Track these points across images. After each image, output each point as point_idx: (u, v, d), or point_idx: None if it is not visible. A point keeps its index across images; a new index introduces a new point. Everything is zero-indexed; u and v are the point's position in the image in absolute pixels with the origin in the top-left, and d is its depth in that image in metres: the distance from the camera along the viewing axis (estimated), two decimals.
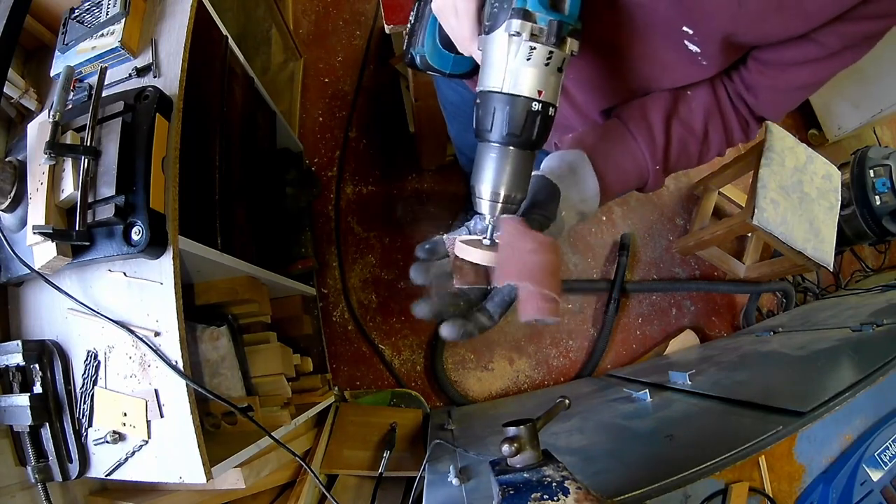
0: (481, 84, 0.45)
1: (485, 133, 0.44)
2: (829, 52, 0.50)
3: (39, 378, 0.79)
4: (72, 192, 0.75)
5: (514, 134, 0.43)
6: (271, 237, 1.45)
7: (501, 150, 0.44)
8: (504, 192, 0.45)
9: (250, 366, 1.13)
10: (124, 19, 0.93)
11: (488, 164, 0.45)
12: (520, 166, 0.45)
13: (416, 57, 0.64)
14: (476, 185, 0.46)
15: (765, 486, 0.87)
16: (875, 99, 2.02)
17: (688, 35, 0.51)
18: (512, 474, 0.54)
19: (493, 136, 0.44)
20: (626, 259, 2.00)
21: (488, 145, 0.45)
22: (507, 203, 0.45)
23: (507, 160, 0.44)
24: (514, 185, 0.45)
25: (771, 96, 0.58)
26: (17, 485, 0.81)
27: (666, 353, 1.93)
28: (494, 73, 0.43)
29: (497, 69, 0.43)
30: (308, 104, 2.06)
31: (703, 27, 0.50)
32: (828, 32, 0.47)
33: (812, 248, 1.66)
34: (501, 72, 0.42)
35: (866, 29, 0.47)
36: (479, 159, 0.45)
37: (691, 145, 0.61)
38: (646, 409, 1.26)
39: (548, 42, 0.41)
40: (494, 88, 0.43)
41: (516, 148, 0.44)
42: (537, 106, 0.42)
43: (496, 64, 0.43)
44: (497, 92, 0.43)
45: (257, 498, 1.12)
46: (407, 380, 1.84)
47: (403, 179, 2.00)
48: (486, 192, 0.45)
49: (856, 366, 1.11)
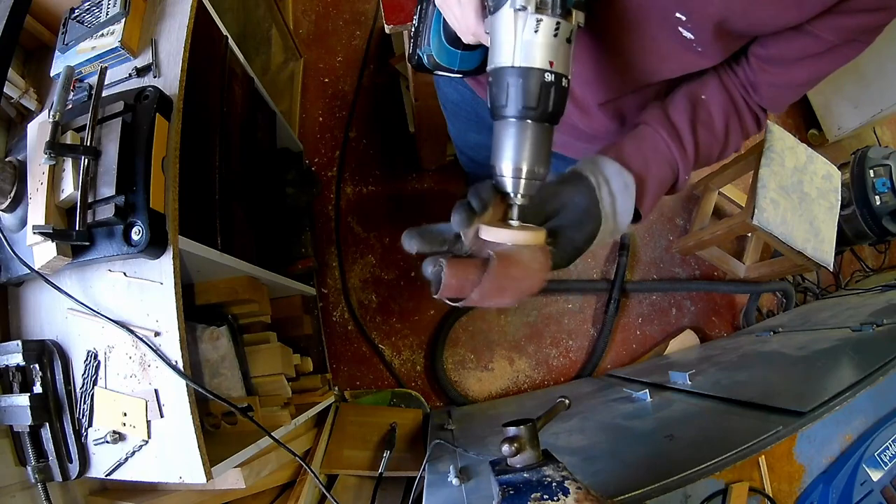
0: (492, 62, 0.45)
1: (500, 110, 0.44)
2: (826, 47, 0.50)
3: (39, 378, 0.79)
4: (72, 192, 0.75)
5: (530, 107, 0.43)
6: (271, 237, 1.45)
7: (519, 124, 0.44)
8: (526, 167, 0.44)
9: (250, 366, 1.13)
10: (124, 19, 0.93)
11: (507, 141, 0.44)
12: (539, 140, 0.44)
13: (423, 57, 0.64)
14: (497, 164, 0.45)
15: (765, 486, 0.86)
16: (875, 99, 2.02)
17: (681, 21, 0.52)
18: (512, 474, 0.54)
19: (509, 110, 0.43)
20: (626, 259, 2.00)
21: (505, 122, 0.44)
22: (531, 178, 0.45)
23: (527, 134, 0.44)
24: (535, 159, 0.44)
25: (772, 92, 0.58)
26: (17, 485, 0.81)
27: (666, 353, 1.93)
28: (504, 50, 0.43)
29: (507, 45, 0.43)
30: (308, 104, 2.06)
31: (696, 13, 0.50)
32: (824, 26, 0.48)
33: (812, 248, 1.66)
34: (511, 47, 0.43)
35: (862, 22, 0.47)
36: (498, 137, 0.45)
37: (714, 148, 0.61)
38: (646, 409, 1.25)
39: (553, 13, 0.41)
40: (506, 63, 0.43)
41: (534, 121, 0.44)
42: (550, 77, 0.42)
43: (505, 40, 0.43)
44: (509, 66, 0.43)
45: (257, 498, 1.12)
46: (407, 380, 1.84)
47: (403, 179, 2.00)
48: (507, 168, 0.45)
49: (856, 366, 1.11)
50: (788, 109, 2.31)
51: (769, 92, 0.58)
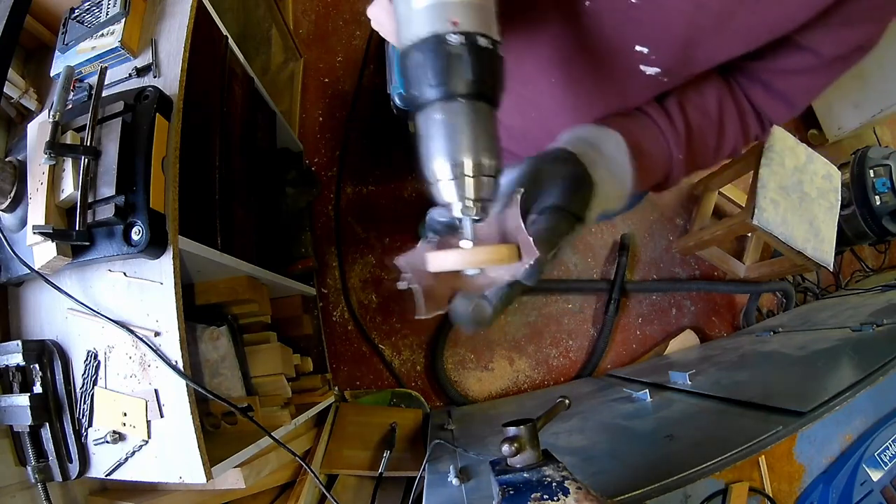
0: (398, 50, 0.36)
1: (415, 100, 0.35)
2: (824, 62, 0.47)
3: (39, 378, 0.79)
4: (72, 191, 0.75)
5: (441, 82, 0.33)
6: (271, 237, 1.45)
7: (442, 107, 0.34)
8: (468, 160, 0.34)
9: (250, 366, 1.13)
10: (124, 19, 0.93)
11: (434, 132, 0.34)
12: (475, 121, 0.34)
13: (394, 98, 0.62)
14: (427, 168, 0.35)
15: (765, 486, 0.87)
16: (875, 99, 2.02)
17: (643, 56, 0.47)
18: (512, 474, 0.54)
19: (423, 95, 0.34)
20: (626, 259, 2.00)
21: (425, 111, 0.34)
22: (478, 175, 0.34)
23: (455, 117, 0.34)
24: (477, 148, 0.34)
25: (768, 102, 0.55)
26: (17, 485, 0.81)
27: (666, 353, 1.93)
28: (402, 31, 0.35)
29: (402, 24, 0.35)
30: (308, 104, 2.06)
31: (659, 40, 0.46)
32: (823, 41, 0.45)
33: (812, 248, 1.66)
34: (407, 23, 0.34)
35: (861, 34, 0.45)
36: (423, 135, 0.35)
37: (708, 131, 0.55)
38: (646, 409, 1.25)
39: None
40: (405, 44, 0.34)
41: (463, 98, 0.34)
42: (457, 38, 0.33)
43: (401, 20, 0.35)
44: (407, 45, 0.34)
45: (257, 498, 1.12)
46: (407, 380, 1.84)
47: (403, 179, 2.00)
48: (442, 169, 0.34)
49: (856, 366, 1.11)
50: None
51: (766, 102, 0.54)
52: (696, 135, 0.54)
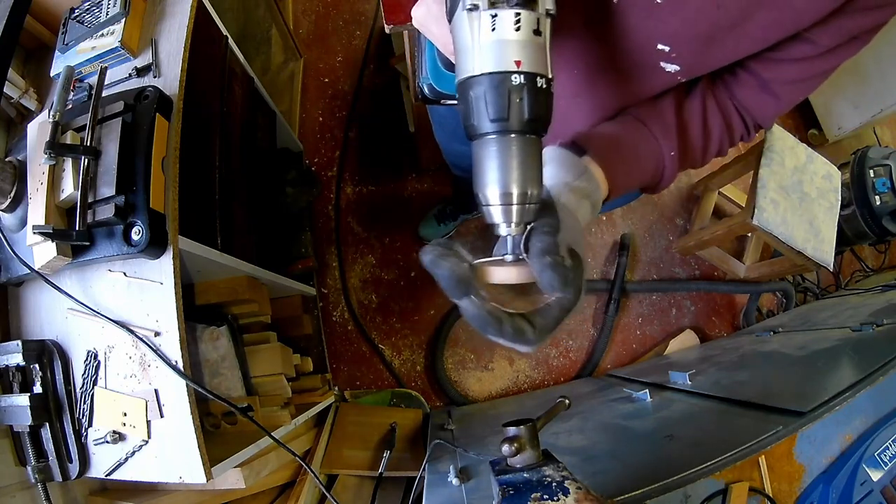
0: (457, 78, 0.39)
1: (473, 129, 0.38)
2: (821, 52, 0.48)
3: (39, 378, 0.79)
4: (72, 191, 0.75)
5: (501, 118, 0.36)
6: (271, 237, 1.45)
7: (498, 141, 0.37)
8: (516, 191, 0.38)
9: (250, 366, 1.13)
10: (124, 19, 0.93)
11: (488, 163, 0.38)
12: (525, 155, 0.37)
13: (423, 87, 0.62)
14: (481, 191, 0.39)
15: (765, 486, 0.87)
16: (875, 99, 2.02)
17: (664, 54, 0.49)
18: (512, 474, 0.54)
19: (481, 128, 0.37)
20: (626, 259, 2.00)
21: (482, 141, 0.38)
22: (523, 203, 0.38)
23: (508, 151, 0.37)
24: (524, 180, 0.38)
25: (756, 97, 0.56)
26: (17, 485, 0.81)
27: (666, 353, 1.93)
28: (465, 59, 0.37)
29: (467, 53, 0.37)
30: (308, 104, 2.06)
31: (681, 38, 0.47)
32: (823, 32, 0.46)
33: (812, 248, 1.66)
34: (471, 54, 0.37)
35: (861, 23, 0.45)
36: (477, 161, 0.39)
37: (695, 135, 0.57)
38: (646, 409, 1.25)
39: (510, 3, 0.35)
40: (467, 74, 0.37)
41: (516, 134, 0.37)
42: (519, 79, 0.36)
43: (464, 48, 0.37)
44: (469, 77, 0.37)
45: (257, 498, 1.12)
46: (407, 380, 1.84)
47: (403, 179, 2.00)
48: (493, 195, 0.38)
49: (856, 366, 1.11)
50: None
51: (753, 97, 0.55)
52: (686, 133, 0.56)
